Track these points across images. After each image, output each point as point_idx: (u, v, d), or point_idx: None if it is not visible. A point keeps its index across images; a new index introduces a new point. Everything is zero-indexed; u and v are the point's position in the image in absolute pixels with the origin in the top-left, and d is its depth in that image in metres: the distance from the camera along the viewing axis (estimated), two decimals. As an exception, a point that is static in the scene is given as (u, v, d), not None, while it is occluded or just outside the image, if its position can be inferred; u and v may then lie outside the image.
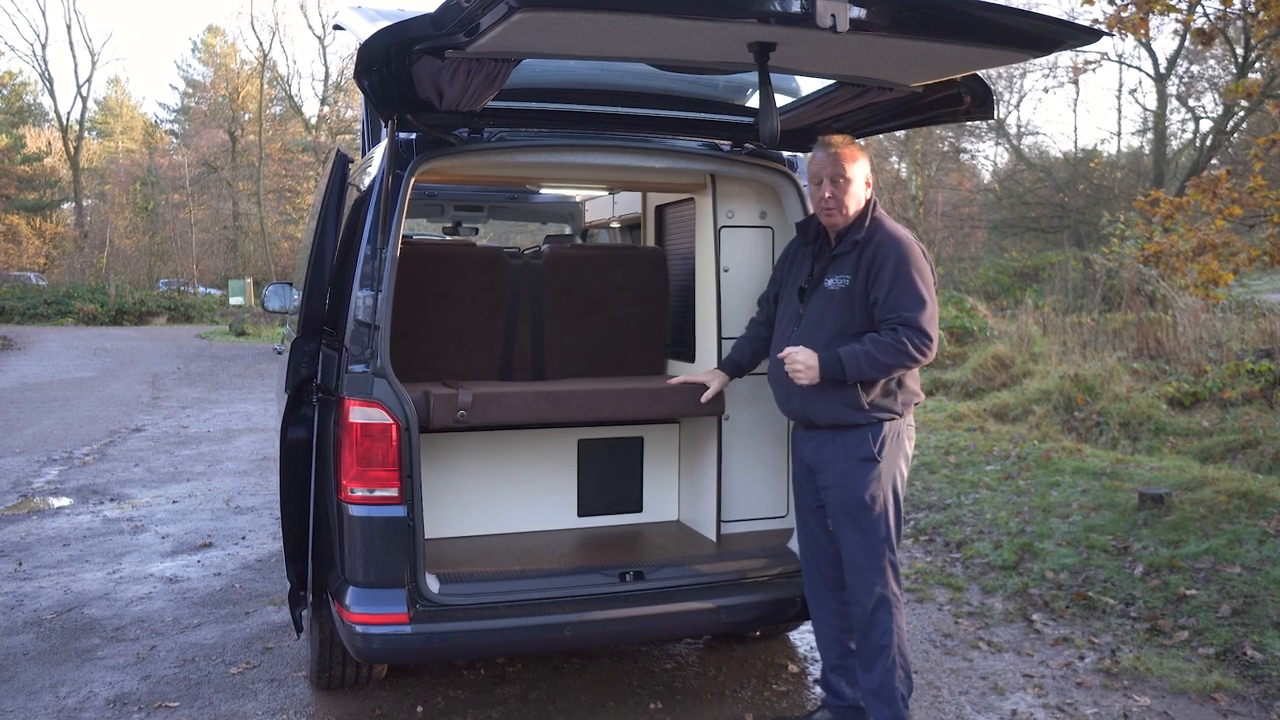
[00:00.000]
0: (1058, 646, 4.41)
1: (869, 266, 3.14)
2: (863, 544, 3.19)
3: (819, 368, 3.12)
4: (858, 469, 3.17)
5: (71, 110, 53.61)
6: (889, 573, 3.21)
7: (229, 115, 43.39)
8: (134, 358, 20.05)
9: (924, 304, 3.07)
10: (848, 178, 3.19)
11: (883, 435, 3.17)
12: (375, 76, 2.80)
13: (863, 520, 3.18)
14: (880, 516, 3.18)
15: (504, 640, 3.27)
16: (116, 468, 8.70)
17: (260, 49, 46.87)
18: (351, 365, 3.15)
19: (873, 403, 3.16)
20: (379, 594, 3.12)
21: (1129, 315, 12.00)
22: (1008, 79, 26.47)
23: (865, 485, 3.16)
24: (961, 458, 7.80)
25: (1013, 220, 26.10)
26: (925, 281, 3.12)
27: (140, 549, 6.08)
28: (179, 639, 4.55)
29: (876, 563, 3.19)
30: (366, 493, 3.12)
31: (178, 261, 41.81)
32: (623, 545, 3.94)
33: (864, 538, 3.19)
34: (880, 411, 3.17)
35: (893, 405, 3.18)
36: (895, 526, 3.22)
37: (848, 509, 3.20)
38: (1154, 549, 5.27)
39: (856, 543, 3.20)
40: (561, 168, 3.70)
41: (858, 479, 3.17)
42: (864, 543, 3.19)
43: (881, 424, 3.18)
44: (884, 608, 3.20)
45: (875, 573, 3.19)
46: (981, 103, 3.18)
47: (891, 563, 3.21)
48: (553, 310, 4.17)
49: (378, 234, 3.17)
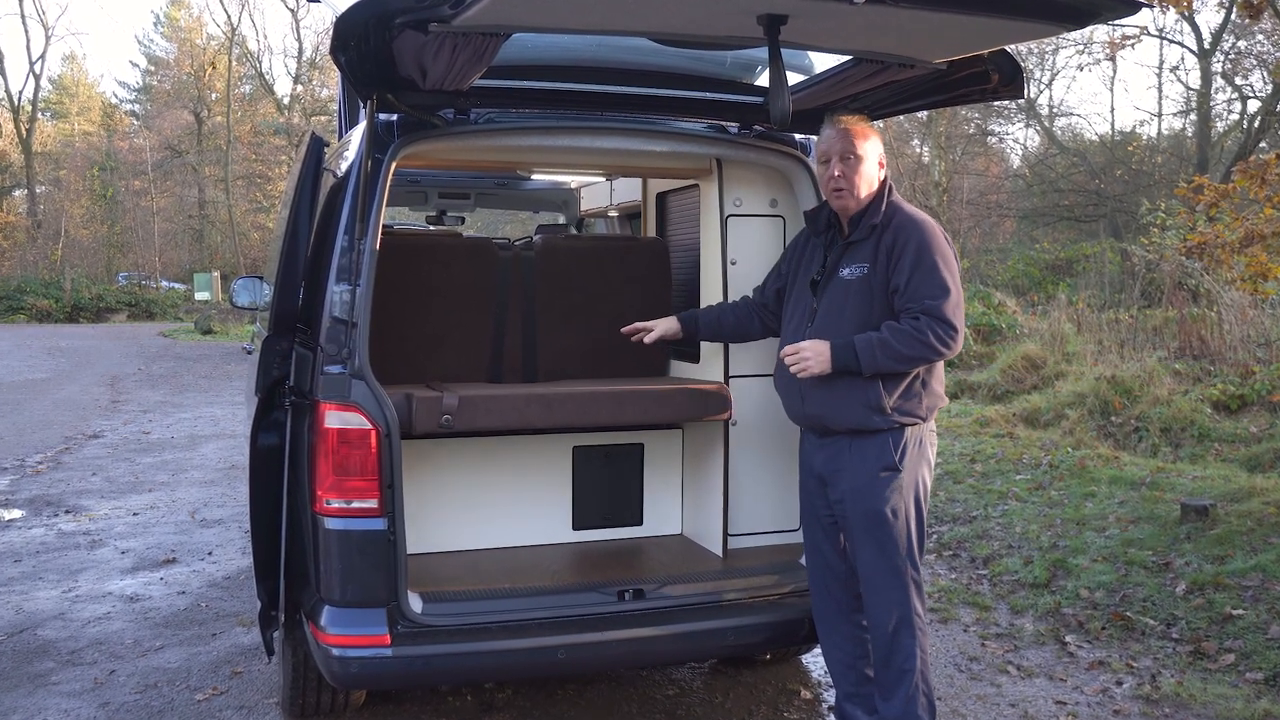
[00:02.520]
0: (1093, 671, 4.41)
1: (889, 252, 3.13)
2: (883, 561, 3.18)
3: (829, 356, 3.10)
4: (877, 479, 3.16)
5: (23, 89, 53.72)
6: (912, 592, 3.19)
7: (194, 95, 43.35)
8: (91, 358, 20.05)
9: (948, 291, 3.06)
10: (858, 155, 3.19)
11: (904, 441, 3.17)
12: (353, 52, 2.79)
13: (883, 535, 3.17)
14: (902, 531, 3.17)
15: (492, 664, 3.27)
16: (72, 477, 8.69)
17: (228, 22, 46.97)
18: (327, 366, 3.15)
19: (895, 406, 3.14)
20: (357, 614, 3.12)
21: (1170, 312, 12.00)
22: (1039, 55, 26.48)
23: (886, 497, 3.14)
24: (989, 466, 7.80)
25: (1044, 209, 26.10)
26: (949, 268, 3.11)
27: (98, 565, 6.08)
28: (140, 663, 4.54)
29: (898, 581, 3.18)
30: (343, 504, 3.12)
31: (139, 253, 41.80)
32: (621, 561, 3.94)
33: (884, 554, 3.18)
34: (903, 415, 3.16)
35: (916, 408, 3.17)
36: (918, 542, 3.21)
37: (866, 523, 3.18)
38: (1197, 565, 5.27)
39: (875, 560, 3.19)
40: (555, 151, 3.70)
41: (877, 490, 3.15)
42: (884, 560, 3.18)
43: (904, 429, 3.17)
44: (906, 630, 3.19)
45: (897, 592, 3.18)
46: (1010, 81, 3.18)
47: (915, 581, 3.20)
48: (545, 306, 4.17)
49: (355, 223, 3.17)
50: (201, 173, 42.61)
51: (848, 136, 3.21)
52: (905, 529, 3.17)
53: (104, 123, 48.73)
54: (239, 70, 43.22)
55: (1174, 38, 27.18)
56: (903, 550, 3.18)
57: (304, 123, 40.44)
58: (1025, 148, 31.77)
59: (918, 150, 28.90)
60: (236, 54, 41.23)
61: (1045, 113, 29.08)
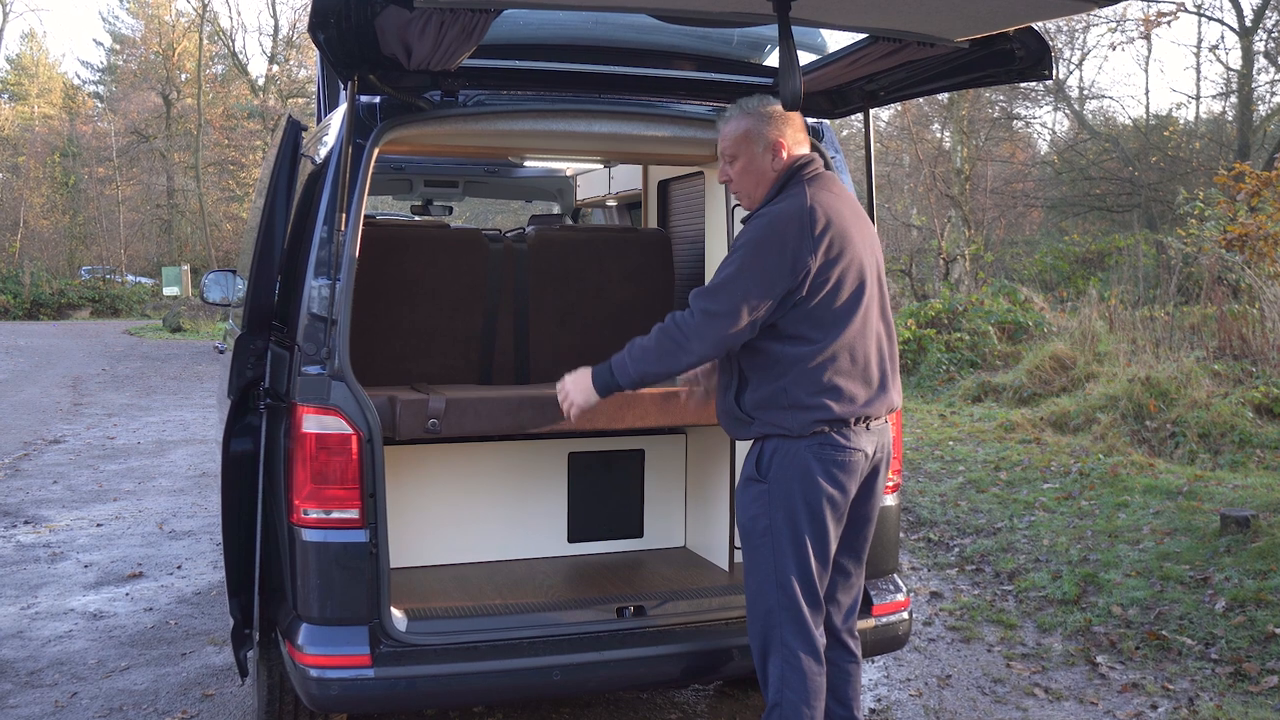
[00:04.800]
0: (1126, 694, 4.41)
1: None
2: (750, 578, 3.13)
3: (589, 382, 3.11)
4: (745, 488, 3.15)
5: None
6: (779, 617, 3.06)
7: (163, 75, 43.39)
8: (52, 357, 20.06)
9: (719, 280, 2.96)
10: (734, 154, 3.14)
11: (770, 452, 3.06)
12: (333, 30, 2.79)
13: (747, 549, 3.14)
14: (766, 550, 3.06)
15: (482, 686, 3.26)
16: (31, 485, 8.69)
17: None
18: (305, 366, 3.16)
19: (754, 414, 3.08)
20: (336, 632, 3.12)
21: (1209, 308, 12.01)
22: (1068, 33, 26.49)
23: (748, 507, 3.11)
24: (1014, 474, 7.81)
25: (1074, 198, 26.11)
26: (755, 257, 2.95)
27: (59, 580, 6.08)
28: (104, 684, 4.55)
29: (760, 602, 3.09)
30: (322, 514, 3.12)
31: (103, 246, 41.85)
32: (620, 576, 3.95)
33: (751, 571, 3.13)
34: (765, 426, 3.06)
35: (781, 420, 3.03)
36: (795, 564, 3.05)
37: (740, 531, 3.18)
38: (1238, 580, 5.27)
39: (746, 576, 3.16)
40: (549, 136, 3.70)
41: (743, 500, 3.14)
42: (751, 577, 3.13)
43: (768, 438, 3.08)
44: (773, 658, 3.07)
45: (758, 615, 3.11)
46: (1037, 61, 3.18)
47: (785, 606, 3.05)
48: (539, 302, 4.18)
49: (335, 213, 3.17)
50: (170, 159, 42.66)
51: (728, 134, 3.14)
52: (771, 549, 3.05)
53: (66, 105, 48.79)
54: (210, 49, 43.24)
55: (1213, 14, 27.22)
56: (768, 569, 3.06)
57: (280, 105, 40.48)
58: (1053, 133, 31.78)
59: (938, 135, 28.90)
60: (208, 31, 41.23)
61: (1075, 95, 29.10)
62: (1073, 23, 25.44)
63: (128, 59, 48.19)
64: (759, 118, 3.12)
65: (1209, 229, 13.31)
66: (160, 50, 44.05)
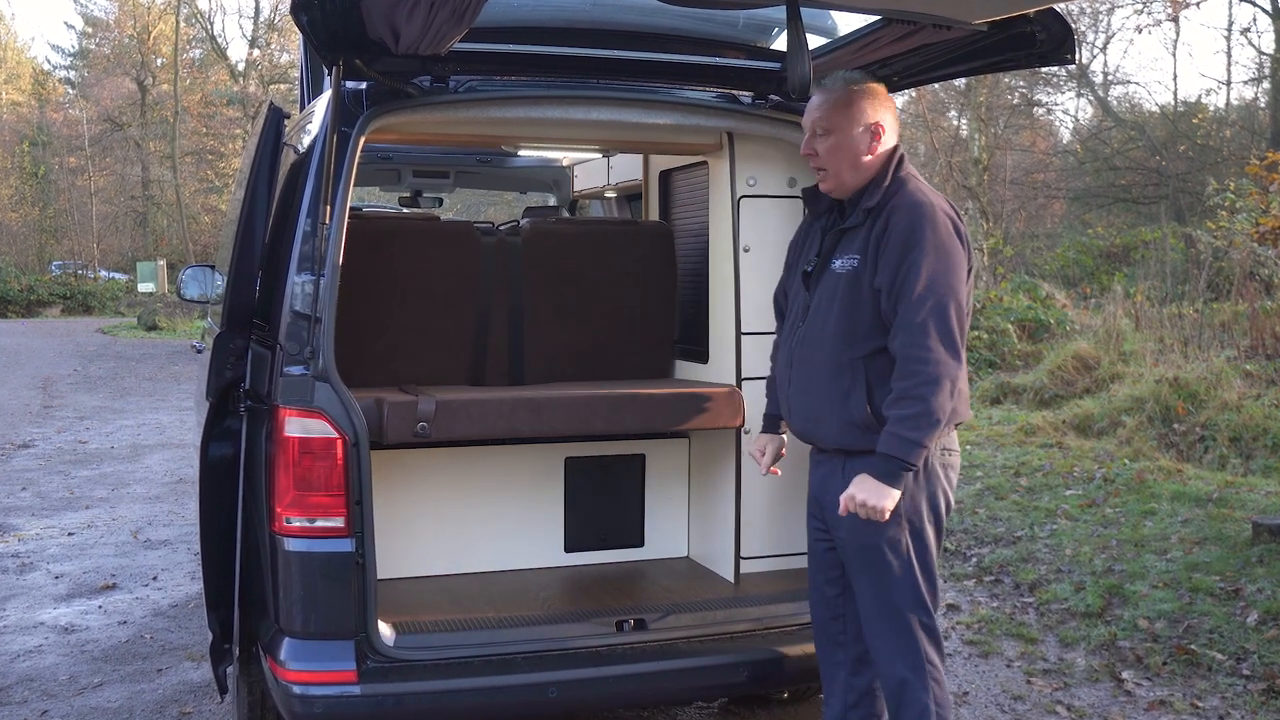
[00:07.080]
0: (1153, 711, 4.41)
1: (877, 242, 2.99)
2: (881, 604, 3.06)
3: (882, 485, 2.89)
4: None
5: (-56, 54, 53.67)
6: (921, 638, 3.05)
7: (137, 60, 43.39)
8: (20, 357, 20.05)
9: (928, 296, 2.88)
10: (833, 128, 3.04)
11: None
12: (316, 11, 2.80)
13: (879, 573, 3.05)
14: (903, 568, 3.03)
15: (474, 704, 3.26)
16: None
17: (176, -22, 46.94)
18: (287, 367, 3.15)
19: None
20: (321, 647, 3.12)
21: (1240, 305, 11.99)
22: (1092, 16, 26.49)
23: (880, 528, 3.00)
24: (1035, 480, 7.80)
25: (1098, 189, 26.12)
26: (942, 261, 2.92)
27: (28, 592, 6.08)
28: (76, 702, 4.55)
29: (900, 626, 3.05)
30: (306, 523, 3.12)
31: (75, 240, 41.85)
32: (620, 587, 3.95)
33: (882, 595, 3.06)
34: None
35: None
36: (925, 580, 3.05)
37: (861, 558, 3.07)
38: (1271, 592, 5.27)
39: (873, 601, 3.08)
40: (545, 124, 3.70)
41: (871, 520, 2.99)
42: (882, 602, 3.06)
43: None
44: (917, 682, 3.04)
45: (900, 638, 3.05)
46: (1060, 44, 3.18)
47: (924, 625, 3.05)
48: (534, 299, 4.18)
49: (319, 206, 3.17)
50: (145, 148, 42.63)
51: (823, 105, 3.06)
52: (906, 566, 3.03)
53: (35, 92, 48.76)
54: (187, 33, 43.27)
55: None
56: (904, 590, 3.04)
57: (261, 92, 40.47)
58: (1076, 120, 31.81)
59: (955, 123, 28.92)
60: (185, 14, 41.30)
61: (1099, 80, 29.10)
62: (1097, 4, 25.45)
63: (100, 42, 48.16)
64: (863, 94, 3.07)
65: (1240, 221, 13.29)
66: (135, 33, 44.02)
